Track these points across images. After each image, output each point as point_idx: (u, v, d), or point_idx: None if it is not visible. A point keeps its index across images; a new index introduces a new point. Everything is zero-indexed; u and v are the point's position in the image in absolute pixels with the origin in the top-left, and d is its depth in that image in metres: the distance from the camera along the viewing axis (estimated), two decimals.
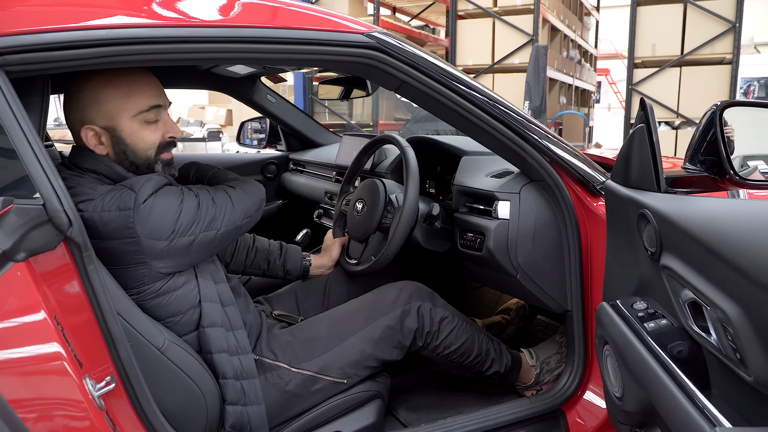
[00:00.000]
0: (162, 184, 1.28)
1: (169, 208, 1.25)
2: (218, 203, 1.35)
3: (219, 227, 1.33)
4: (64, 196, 1.01)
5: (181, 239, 1.27)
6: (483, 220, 1.56)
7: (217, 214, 1.33)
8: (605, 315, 1.17)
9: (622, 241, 1.25)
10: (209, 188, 1.39)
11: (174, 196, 1.28)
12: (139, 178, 1.27)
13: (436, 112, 1.47)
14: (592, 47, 10.86)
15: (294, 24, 1.26)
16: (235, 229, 1.38)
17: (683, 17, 6.47)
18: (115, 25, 1.10)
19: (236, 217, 1.37)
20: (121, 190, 1.23)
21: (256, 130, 3.06)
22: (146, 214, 1.22)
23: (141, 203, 1.22)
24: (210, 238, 1.32)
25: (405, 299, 1.57)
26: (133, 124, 1.29)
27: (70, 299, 1.06)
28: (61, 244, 1.04)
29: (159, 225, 1.23)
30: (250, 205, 1.42)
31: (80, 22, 1.10)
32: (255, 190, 1.47)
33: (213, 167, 1.58)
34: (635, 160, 1.17)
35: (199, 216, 1.30)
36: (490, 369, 1.68)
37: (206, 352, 1.32)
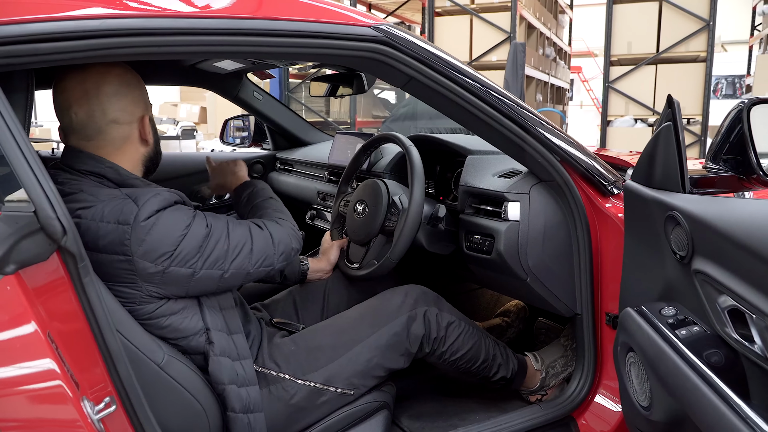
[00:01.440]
0: (171, 201, 1.18)
1: (171, 230, 1.15)
2: (233, 241, 1.23)
3: (226, 268, 1.22)
4: (57, 201, 0.92)
5: (178, 269, 1.16)
6: (492, 222, 1.50)
7: (228, 253, 1.21)
8: (631, 321, 1.12)
9: (644, 243, 1.21)
10: (231, 219, 1.28)
11: (181, 218, 1.17)
12: (147, 191, 1.17)
13: (443, 110, 1.41)
14: (566, 45, 10.92)
15: (298, 15, 1.18)
16: (245, 276, 1.26)
17: (659, 15, 6.52)
18: (109, 15, 1.01)
19: (250, 263, 1.25)
20: (125, 200, 1.14)
21: (239, 128, 2.96)
22: (144, 233, 1.12)
23: (142, 220, 1.12)
24: (212, 277, 1.21)
25: (411, 304, 1.51)
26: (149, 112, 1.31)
27: (64, 314, 0.97)
28: (54, 254, 0.95)
29: (155, 247, 1.13)
30: (275, 254, 1.29)
31: (70, 12, 1.01)
32: (288, 237, 1.34)
33: (270, 193, 1.51)
34: (660, 159, 1.13)
35: (204, 249, 1.18)
36: (497, 374, 1.63)
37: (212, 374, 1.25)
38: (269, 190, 1.52)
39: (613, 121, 6.86)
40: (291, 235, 1.35)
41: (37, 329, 0.89)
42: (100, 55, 1.01)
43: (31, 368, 0.89)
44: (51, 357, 0.89)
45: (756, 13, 9.30)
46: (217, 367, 1.22)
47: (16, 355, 0.89)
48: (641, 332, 1.09)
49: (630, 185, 1.21)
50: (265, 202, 1.46)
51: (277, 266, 1.31)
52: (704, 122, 6.42)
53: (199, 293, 1.24)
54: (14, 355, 0.89)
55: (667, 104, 1.08)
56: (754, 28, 9.63)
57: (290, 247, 1.33)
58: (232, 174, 1.62)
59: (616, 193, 1.50)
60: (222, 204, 2.60)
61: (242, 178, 1.61)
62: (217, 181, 1.66)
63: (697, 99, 6.44)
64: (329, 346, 1.41)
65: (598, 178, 1.45)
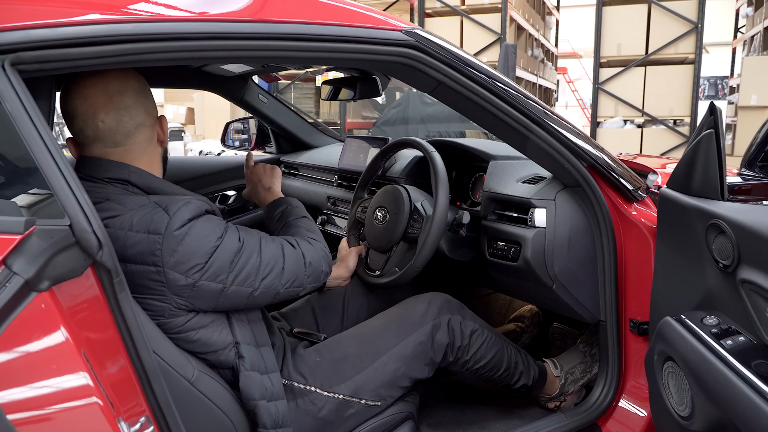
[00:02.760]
0: (202, 210, 1.14)
1: (204, 241, 1.11)
2: (265, 258, 1.19)
3: (256, 286, 1.17)
4: (92, 214, 0.88)
5: (209, 284, 1.12)
6: (518, 229, 1.48)
7: (259, 270, 1.17)
8: (672, 330, 1.11)
9: (680, 251, 1.19)
10: (264, 235, 1.24)
11: (213, 229, 1.13)
12: (177, 200, 1.13)
13: (471, 115, 1.38)
14: (552, 46, 10.98)
15: (329, 19, 1.15)
16: (274, 295, 1.22)
17: (647, 17, 6.57)
18: (144, 19, 0.97)
19: (281, 283, 1.21)
20: (154, 209, 1.10)
21: (239, 130, 2.92)
22: (176, 243, 1.08)
23: (174, 230, 1.08)
24: (242, 294, 1.17)
25: (434, 312, 1.48)
26: None
27: (99, 332, 0.93)
28: (88, 269, 0.91)
29: (188, 257, 1.09)
30: (305, 275, 1.25)
31: (103, 14, 0.96)
32: (319, 259, 1.29)
33: (304, 212, 1.46)
34: (700, 166, 1.11)
35: (236, 264, 1.14)
36: (519, 382, 1.62)
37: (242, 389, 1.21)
38: (302, 209, 1.47)
39: (602, 123, 6.90)
40: (322, 257, 1.31)
41: (72, 348, 0.85)
42: (130, 61, 0.97)
43: (67, 389, 0.85)
44: (86, 377, 0.86)
45: (739, 16, 9.42)
46: (248, 383, 1.19)
47: (51, 375, 0.85)
48: (684, 342, 1.07)
49: (666, 192, 1.20)
50: (298, 220, 1.42)
51: (306, 288, 1.27)
52: (692, 123, 6.49)
53: (227, 309, 1.20)
54: (49, 375, 0.85)
55: (709, 111, 1.07)
56: (737, 30, 9.75)
57: (320, 269, 1.29)
58: (266, 189, 1.56)
59: (641, 198, 1.49)
60: (226, 209, 2.56)
61: (276, 193, 1.55)
62: (251, 187, 1.61)
63: (686, 100, 6.51)
64: (355, 356, 1.38)
65: (623, 184, 1.44)
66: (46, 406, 0.83)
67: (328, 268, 1.32)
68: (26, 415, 0.81)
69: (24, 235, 0.83)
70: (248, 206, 2.64)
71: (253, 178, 1.61)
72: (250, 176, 1.61)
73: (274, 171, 1.61)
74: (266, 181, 1.58)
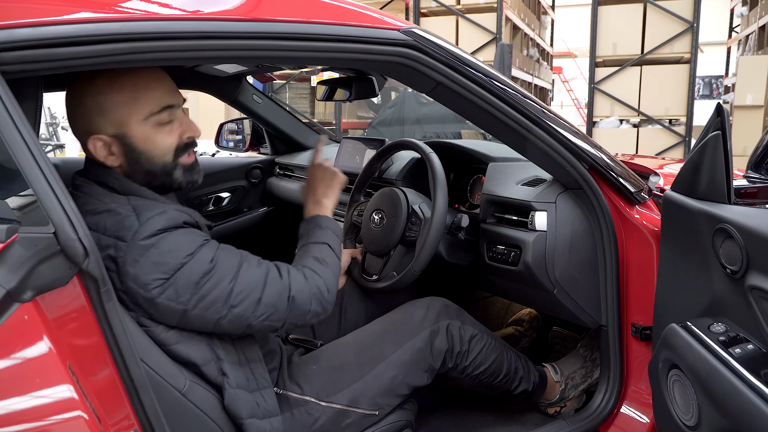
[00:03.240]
0: (178, 222, 1.07)
1: (171, 256, 1.04)
2: (240, 285, 1.09)
3: (223, 314, 1.08)
4: (78, 221, 0.84)
5: (168, 303, 1.04)
6: (518, 232, 1.45)
7: (229, 298, 1.08)
8: (677, 338, 1.08)
9: (686, 256, 1.16)
10: (249, 258, 1.14)
11: (185, 245, 1.06)
12: (153, 206, 1.07)
13: (470, 117, 1.35)
14: (548, 46, 10.97)
15: (326, 18, 1.11)
16: (245, 327, 1.12)
17: (643, 17, 6.56)
18: (132, 18, 0.94)
19: (254, 315, 1.10)
20: (128, 214, 1.05)
21: (233, 131, 2.88)
22: (140, 254, 1.02)
23: (141, 239, 1.02)
24: (205, 320, 1.08)
25: (433, 318, 1.45)
26: (145, 128, 1.12)
27: (85, 343, 0.89)
28: (74, 278, 0.87)
29: (149, 271, 1.02)
30: (286, 311, 1.13)
31: (89, 13, 0.93)
32: (309, 297, 1.16)
33: (329, 237, 1.32)
34: (706, 169, 1.08)
35: (201, 287, 1.05)
36: (518, 387, 1.59)
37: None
38: (329, 233, 1.32)
39: (598, 122, 6.88)
40: (314, 295, 1.17)
41: (56, 361, 0.82)
42: (118, 61, 0.94)
43: (51, 403, 0.81)
44: (71, 390, 0.82)
45: (734, 15, 9.43)
46: (234, 402, 1.13)
47: (35, 389, 0.81)
48: (690, 350, 1.04)
49: (671, 196, 1.17)
50: (314, 246, 1.29)
51: (288, 325, 1.16)
52: (689, 123, 6.48)
53: (194, 329, 1.12)
54: (32, 389, 0.81)
55: (716, 113, 1.04)
56: (732, 30, 9.76)
57: (307, 309, 1.16)
58: (315, 201, 1.41)
59: (643, 201, 1.46)
60: (219, 211, 2.52)
61: (321, 208, 1.39)
62: (305, 190, 1.46)
63: (682, 100, 6.50)
64: (353, 364, 1.34)
65: (625, 186, 1.41)
66: (29, 421, 0.79)
67: (321, 307, 1.19)
68: (9, 430, 0.77)
69: (5, 243, 0.80)
70: (242, 209, 2.60)
71: (309, 180, 1.46)
72: (308, 177, 1.47)
73: (332, 182, 1.45)
74: (319, 191, 1.43)
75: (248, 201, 2.61)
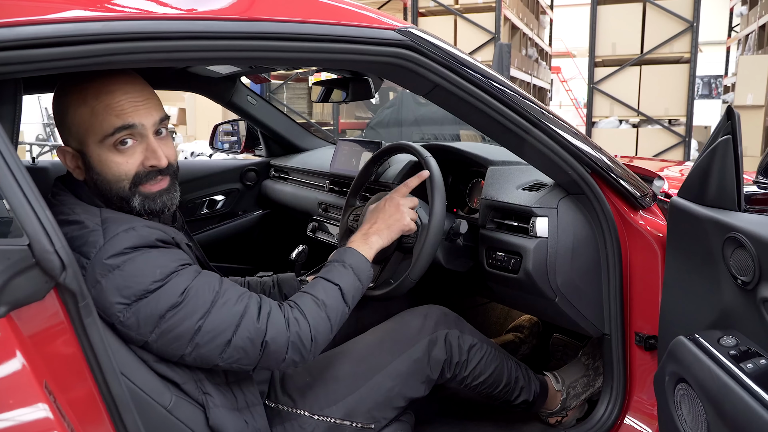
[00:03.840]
0: (148, 241, 0.99)
1: (136, 281, 0.96)
2: (210, 324, 1.00)
3: (187, 352, 1.00)
4: (54, 233, 0.79)
5: (127, 332, 0.97)
6: (518, 239, 1.41)
7: (195, 336, 0.99)
8: (685, 351, 1.03)
9: (693, 265, 1.12)
10: (230, 291, 1.04)
11: (154, 270, 0.97)
12: (121, 221, 1.00)
13: (468, 119, 1.31)
14: (546, 45, 10.93)
15: (319, 17, 1.07)
16: (212, 366, 1.05)
17: (643, 17, 6.52)
18: (112, 17, 0.89)
19: (221, 357, 1.02)
20: (95, 229, 0.99)
21: (228, 132, 2.84)
22: (102, 274, 0.95)
23: (104, 258, 0.95)
24: (168, 353, 1.01)
25: (431, 327, 1.40)
26: (101, 150, 1.04)
27: (63, 360, 0.85)
28: (51, 292, 0.82)
29: (109, 294, 0.95)
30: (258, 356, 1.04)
31: (65, 13, 0.88)
32: (286, 344, 1.06)
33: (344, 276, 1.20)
34: (715, 175, 1.04)
35: (166, 321, 0.97)
36: (519, 397, 1.54)
37: None
38: (348, 276, 1.19)
39: (597, 123, 6.84)
40: (293, 342, 1.07)
41: (31, 379, 0.77)
42: (97, 63, 0.89)
43: (26, 424, 0.77)
44: (47, 410, 0.77)
45: (733, 14, 9.40)
46: (219, 421, 1.08)
47: (8, 409, 0.76)
48: (699, 364, 1.00)
49: (678, 202, 1.12)
50: (324, 285, 1.17)
51: (259, 369, 1.08)
52: (688, 123, 6.44)
53: None
54: (6, 409, 0.76)
55: (726, 116, 0.99)
56: (731, 29, 9.73)
57: (281, 357, 1.06)
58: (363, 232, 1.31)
59: (647, 206, 1.42)
60: (213, 214, 2.48)
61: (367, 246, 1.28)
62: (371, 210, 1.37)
63: (681, 100, 6.45)
64: (347, 376, 1.30)
65: (629, 191, 1.36)
66: None
67: (299, 356, 1.08)
68: None
69: None
70: (237, 212, 2.56)
71: (380, 205, 1.34)
72: (382, 202, 1.34)
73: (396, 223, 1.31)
74: (377, 226, 1.30)
75: (243, 204, 2.57)
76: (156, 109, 1.09)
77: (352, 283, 1.20)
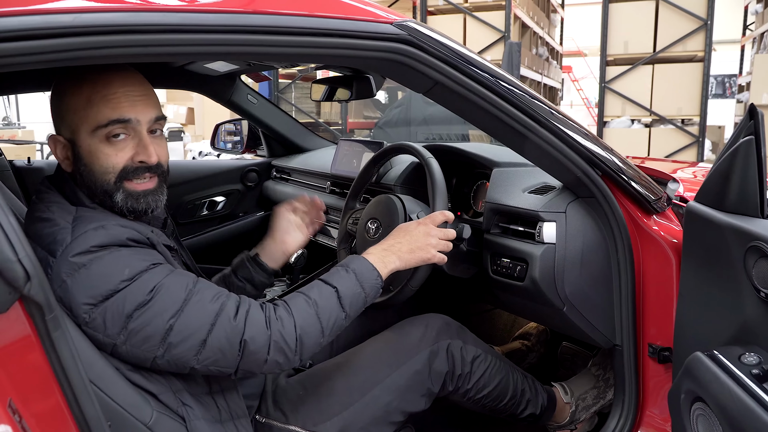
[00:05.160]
0: (119, 240, 0.95)
1: (102, 280, 0.92)
2: (182, 323, 0.95)
3: (159, 354, 0.95)
4: (18, 240, 0.74)
5: (94, 334, 0.93)
6: (524, 245, 1.33)
7: (166, 336, 0.94)
8: (703, 369, 0.96)
9: (711, 275, 1.04)
10: (204, 290, 0.99)
11: (122, 269, 0.93)
12: (92, 220, 0.97)
13: (471, 118, 1.24)
14: (557, 44, 10.81)
15: (309, 10, 1.00)
16: (188, 369, 0.99)
17: (655, 14, 6.40)
18: (86, 9, 0.83)
19: (196, 358, 0.96)
20: (65, 227, 0.95)
21: (231, 132, 2.78)
22: (68, 273, 0.91)
23: (70, 256, 0.92)
24: (139, 357, 0.96)
25: (432, 337, 1.34)
26: (92, 141, 1.01)
27: (31, 377, 0.79)
28: (16, 303, 0.77)
29: (75, 294, 0.91)
30: (237, 357, 0.98)
31: (39, 5, 0.82)
32: (266, 344, 1.00)
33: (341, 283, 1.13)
34: (736, 179, 0.96)
35: (134, 320, 0.92)
36: (525, 411, 1.47)
37: None
38: (349, 280, 1.12)
39: (609, 122, 6.74)
40: (274, 343, 1.00)
41: None
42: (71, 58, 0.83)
43: None
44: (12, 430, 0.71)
45: (748, 13, 9.23)
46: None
47: None
48: (718, 383, 0.92)
49: (695, 208, 1.05)
50: (321, 287, 1.11)
51: (240, 372, 1.02)
52: (702, 123, 6.32)
53: None
54: None
55: (749, 115, 0.92)
56: (746, 28, 9.56)
57: (263, 357, 1.00)
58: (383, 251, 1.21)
59: (662, 210, 1.34)
60: (214, 216, 2.42)
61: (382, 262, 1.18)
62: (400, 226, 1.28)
63: (695, 99, 6.34)
64: (343, 389, 1.23)
65: (643, 194, 1.29)
66: None
67: (283, 358, 1.01)
68: None
69: None
70: (237, 213, 2.50)
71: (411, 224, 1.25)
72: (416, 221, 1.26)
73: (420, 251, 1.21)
74: (401, 246, 1.21)
75: (244, 205, 2.51)
76: (153, 106, 1.06)
77: (352, 289, 1.13)
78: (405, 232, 1.24)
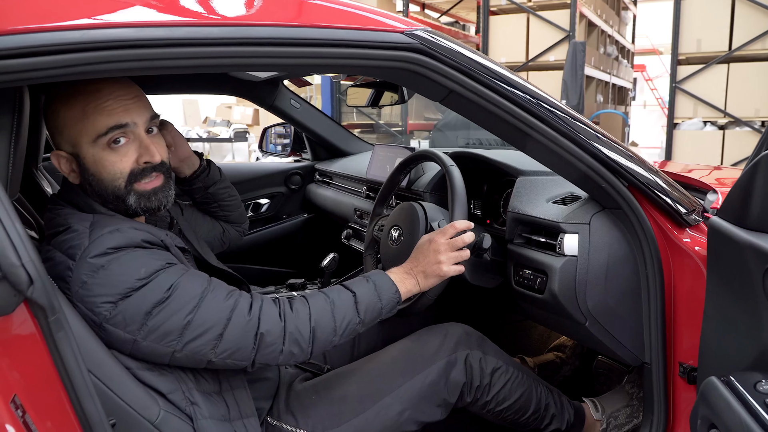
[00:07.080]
0: (134, 242, 1.00)
1: (121, 279, 0.96)
2: (199, 318, 0.98)
3: (178, 348, 0.98)
4: (22, 245, 0.78)
5: (115, 330, 0.97)
6: (545, 256, 1.30)
7: (184, 331, 0.98)
8: (717, 395, 0.90)
9: (733, 295, 0.98)
10: (218, 288, 1.03)
11: (139, 268, 0.97)
12: (108, 224, 1.01)
13: (489, 126, 1.21)
14: (629, 43, 10.43)
15: (319, 21, 1.01)
16: (205, 363, 1.02)
17: (731, 11, 6.06)
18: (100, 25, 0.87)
19: (214, 351, 1.00)
20: (83, 231, 1.00)
21: (280, 135, 2.85)
22: (89, 274, 0.95)
23: (89, 257, 0.96)
24: (158, 352, 0.99)
25: (450, 347, 1.32)
26: (95, 150, 1.04)
27: (34, 376, 0.83)
28: (21, 306, 0.81)
29: (96, 293, 0.95)
30: (253, 350, 1.02)
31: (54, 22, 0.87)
32: (281, 335, 1.04)
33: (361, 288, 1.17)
34: (759, 194, 0.90)
35: (153, 317, 0.96)
36: (549, 426, 1.43)
37: None
38: (368, 289, 1.16)
39: (680, 124, 6.44)
40: (289, 334, 1.05)
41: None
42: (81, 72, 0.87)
43: None
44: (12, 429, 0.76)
45: None
46: None
47: None
48: (730, 412, 0.87)
49: (716, 223, 0.99)
50: (340, 290, 1.15)
51: (257, 364, 1.05)
52: None
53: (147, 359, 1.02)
54: None
55: None
56: None
57: (278, 349, 1.04)
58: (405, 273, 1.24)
59: (695, 223, 1.27)
60: (258, 217, 2.48)
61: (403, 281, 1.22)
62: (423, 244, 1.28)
63: None
64: (355, 396, 1.24)
65: (673, 206, 1.23)
66: None
67: (298, 349, 1.06)
68: None
69: None
70: (281, 215, 2.55)
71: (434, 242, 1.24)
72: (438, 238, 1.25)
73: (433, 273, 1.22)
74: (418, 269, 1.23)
75: (287, 208, 2.56)
76: (146, 107, 1.10)
77: (369, 296, 1.16)
78: (420, 252, 1.26)
